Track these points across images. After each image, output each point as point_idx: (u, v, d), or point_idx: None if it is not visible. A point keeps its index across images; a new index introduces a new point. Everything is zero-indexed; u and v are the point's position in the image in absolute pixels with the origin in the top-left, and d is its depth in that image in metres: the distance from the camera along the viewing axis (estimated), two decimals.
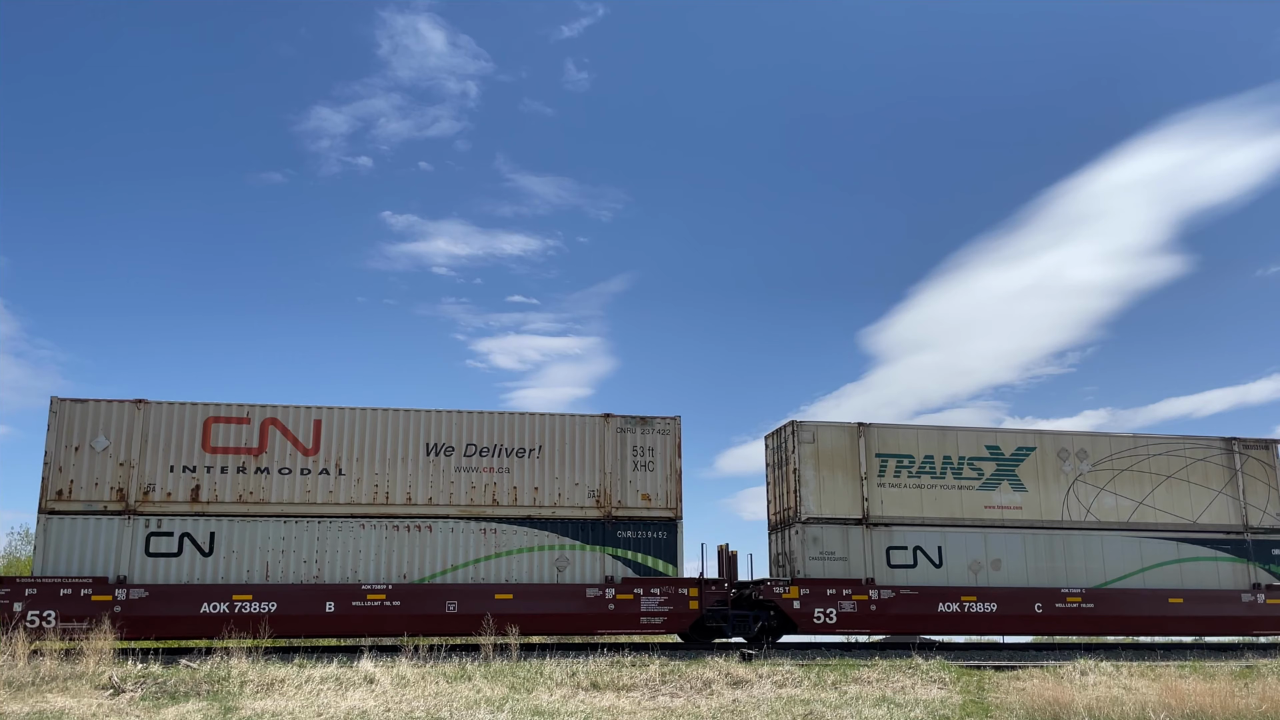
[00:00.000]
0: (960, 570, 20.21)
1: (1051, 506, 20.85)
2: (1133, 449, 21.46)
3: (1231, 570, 21.13)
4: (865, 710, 13.38)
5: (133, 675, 14.03)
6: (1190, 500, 21.35)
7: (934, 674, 15.58)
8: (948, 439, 20.85)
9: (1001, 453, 20.96)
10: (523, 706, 13.03)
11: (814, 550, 19.84)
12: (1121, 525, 20.97)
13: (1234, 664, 17.33)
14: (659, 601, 18.76)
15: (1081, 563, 20.66)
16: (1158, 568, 20.87)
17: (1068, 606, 20.19)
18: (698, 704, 13.77)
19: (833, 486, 20.17)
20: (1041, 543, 20.63)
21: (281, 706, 12.82)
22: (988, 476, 20.77)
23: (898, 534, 20.18)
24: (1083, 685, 14.96)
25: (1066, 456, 21.16)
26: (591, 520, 19.02)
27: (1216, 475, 21.57)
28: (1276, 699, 13.50)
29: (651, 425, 19.70)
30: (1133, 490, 21.19)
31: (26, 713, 12.35)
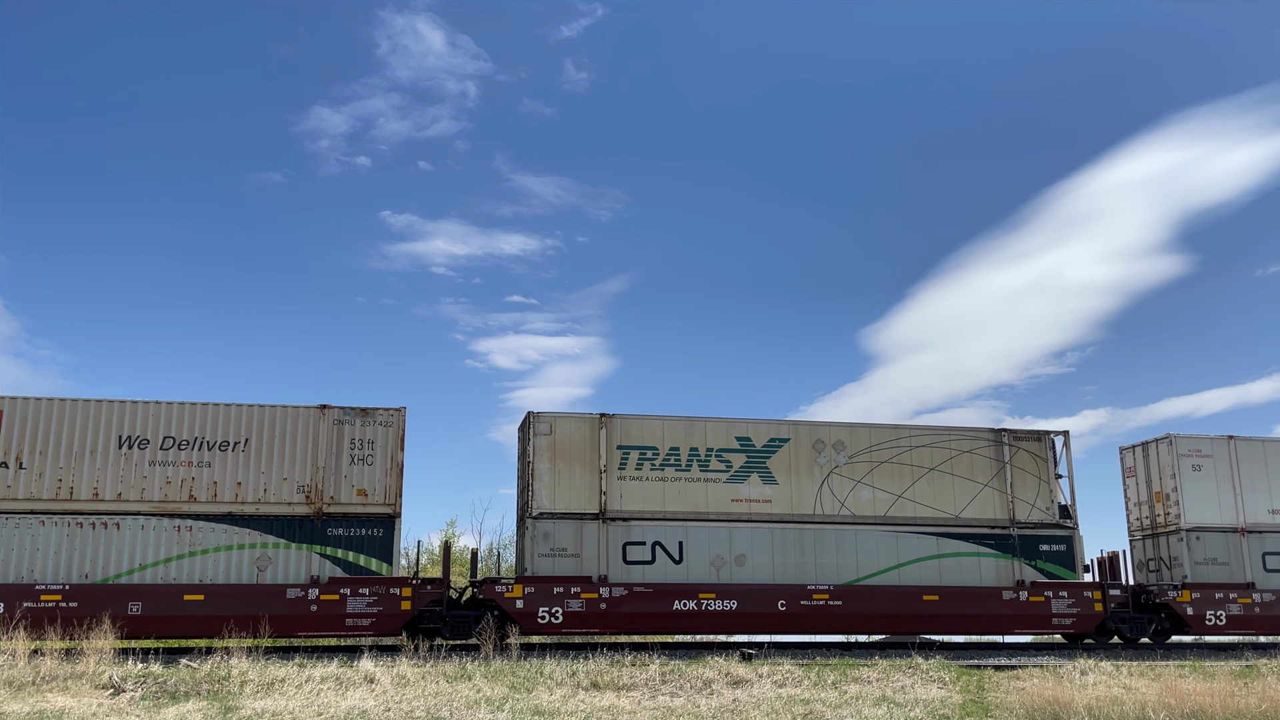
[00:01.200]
0: (702, 566, 19.38)
1: (804, 500, 20.06)
2: (895, 440, 20.71)
3: (995, 566, 20.40)
4: (865, 710, 13.32)
5: (133, 675, 13.94)
6: (954, 493, 20.62)
7: (934, 673, 15.53)
8: (695, 430, 20.03)
9: (753, 444, 20.16)
10: (523, 706, 13.00)
11: (544, 547, 18.96)
12: (878, 520, 20.21)
13: (1234, 664, 17.23)
14: (367, 602, 17.84)
15: (833, 558, 19.88)
16: (915, 564, 20.12)
17: (814, 604, 19.41)
18: (698, 703, 13.75)
19: (569, 480, 19.30)
20: (791, 538, 19.83)
21: (282, 706, 12.79)
22: (737, 469, 19.96)
23: (636, 529, 19.33)
24: (1083, 685, 14.92)
25: (822, 448, 20.38)
26: (300, 517, 18.06)
27: (984, 468, 20.85)
28: (1276, 699, 13.42)
29: (373, 417, 18.78)
30: (892, 483, 20.44)
31: (26, 712, 12.29)
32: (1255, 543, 21.44)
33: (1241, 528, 21.42)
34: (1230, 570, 21.24)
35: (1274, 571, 21.39)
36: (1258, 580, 21.21)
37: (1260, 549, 21.45)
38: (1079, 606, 20.25)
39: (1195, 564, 21.19)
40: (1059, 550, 20.69)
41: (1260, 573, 21.31)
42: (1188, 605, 20.68)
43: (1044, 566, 20.57)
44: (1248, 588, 21.00)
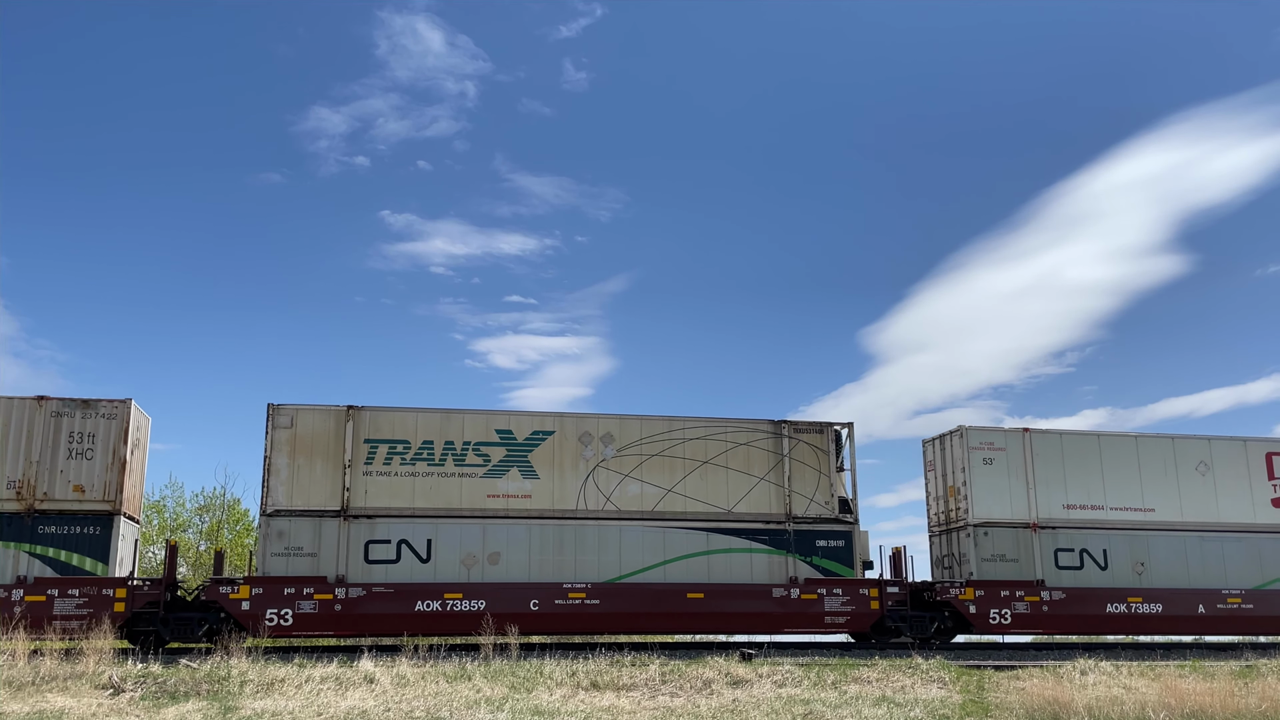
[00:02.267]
0: (452, 565, 18.56)
1: (566, 495, 19.26)
2: (668, 432, 19.93)
3: (767, 563, 19.65)
4: (865, 710, 13.26)
5: (133, 675, 13.93)
6: (728, 487, 19.85)
7: (934, 673, 15.48)
8: (452, 423, 19.19)
9: (514, 437, 19.34)
10: (523, 706, 12.95)
11: (278, 546, 18.09)
12: (645, 515, 19.42)
13: (1234, 664, 17.12)
14: (77, 604, 16.95)
15: (595, 556, 19.08)
16: (682, 560, 19.35)
17: (570, 603, 18.62)
18: (698, 704, 13.69)
19: (309, 476, 18.43)
20: (550, 535, 19.03)
21: (281, 706, 12.76)
22: (495, 463, 19.13)
23: (381, 527, 18.48)
24: (1082, 685, 14.91)
25: (590, 441, 19.58)
26: (9, 514, 17.15)
27: (761, 461, 20.09)
28: (1276, 699, 13.40)
29: (95, 409, 17.86)
30: (662, 477, 19.66)
31: (26, 712, 12.25)
32: (1048, 539, 20.78)
33: (1034, 523, 20.75)
34: (1019, 567, 20.56)
35: (1067, 569, 20.73)
36: (1048, 578, 20.54)
37: (1053, 545, 20.79)
38: (854, 604, 19.53)
39: (982, 560, 20.50)
40: (837, 546, 19.96)
41: (1052, 570, 20.65)
42: (970, 604, 19.99)
43: (820, 563, 19.84)
44: (1036, 585, 20.33)
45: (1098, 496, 21.19)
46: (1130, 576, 20.89)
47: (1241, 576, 21.26)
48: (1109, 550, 20.96)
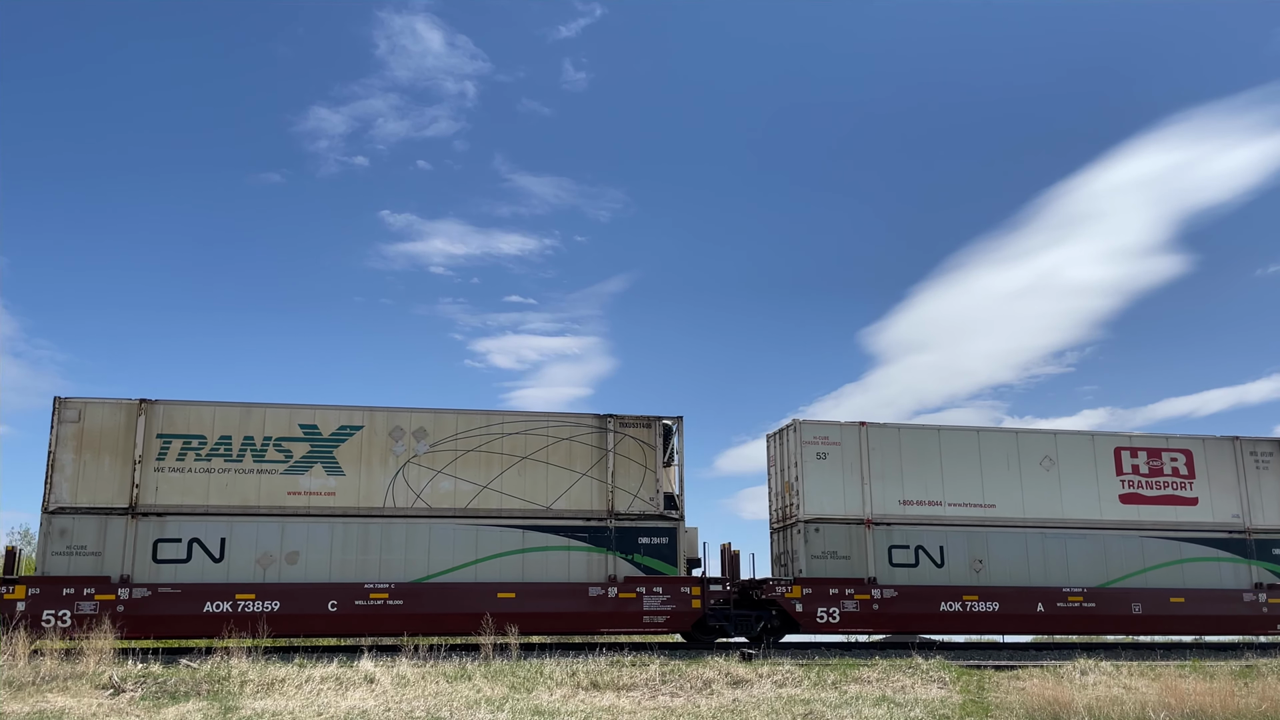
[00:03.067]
0: (246, 565, 17.90)
1: (374, 492, 18.61)
2: (485, 427, 19.30)
3: (586, 561, 19.05)
4: (865, 710, 13.24)
5: (133, 675, 13.90)
6: (547, 484, 19.24)
7: (934, 673, 15.44)
8: (253, 417, 18.51)
9: (319, 432, 18.68)
10: (523, 706, 12.93)
11: (60, 544, 17.43)
12: (457, 512, 18.79)
13: (1234, 663, 17.12)
14: None
15: (402, 555, 18.45)
16: (495, 559, 18.74)
17: (371, 604, 18.01)
18: (698, 703, 13.69)
19: (96, 472, 17.74)
20: (355, 533, 18.38)
21: (282, 706, 12.74)
22: (298, 459, 18.46)
23: (172, 525, 17.80)
24: (1083, 685, 14.92)
25: (401, 436, 18.93)
26: None
27: (584, 456, 19.48)
28: (1276, 699, 13.41)
29: None
30: (478, 473, 19.03)
31: (26, 712, 12.25)
32: (882, 536, 20.24)
33: (868, 519, 20.21)
34: (851, 565, 20.01)
35: (901, 566, 20.20)
36: (881, 575, 20.00)
37: (887, 542, 20.25)
38: (675, 603, 18.94)
39: (812, 557, 19.94)
40: (661, 544, 19.37)
41: (885, 567, 20.11)
42: (797, 602, 19.43)
43: (643, 561, 19.24)
44: (867, 583, 19.79)
45: (936, 492, 20.67)
46: (968, 574, 20.37)
47: (1085, 574, 20.76)
48: (946, 547, 20.43)
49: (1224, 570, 21.35)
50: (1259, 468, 22.02)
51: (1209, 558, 21.35)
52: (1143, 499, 21.43)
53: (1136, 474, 21.54)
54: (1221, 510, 21.66)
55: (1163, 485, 21.56)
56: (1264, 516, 21.75)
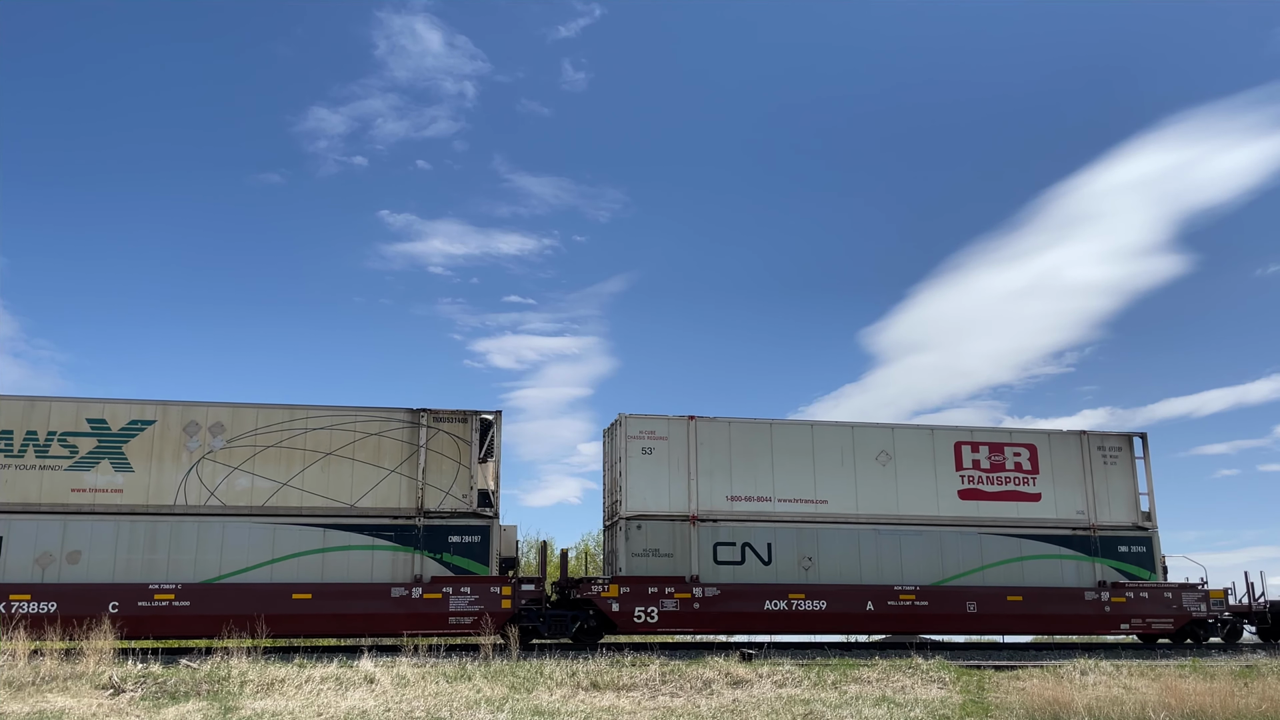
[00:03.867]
0: (25, 565, 17.21)
1: (164, 489, 17.92)
2: (288, 422, 18.63)
3: (391, 560, 18.40)
4: (865, 710, 13.22)
5: (133, 675, 13.88)
6: (352, 481, 18.58)
7: (934, 674, 15.44)
8: (37, 411, 17.82)
9: (108, 427, 17.98)
10: (523, 706, 12.91)
11: None
12: (253, 510, 18.12)
13: (1234, 664, 17.08)
14: None
15: (192, 554, 17.76)
16: (292, 559, 18.07)
17: (156, 605, 17.32)
18: (698, 704, 13.67)
19: None
20: (142, 531, 17.69)
21: (281, 706, 12.71)
22: (84, 454, 17.77)
23: None
24: (1083, 685, 14.90)
25: (196, 431, 18.25)
26: None
27: (393, 452, 18.84)
28: (1276, 699, 13.40)
29: None
30: (278, 470, 18.36)
31: (26, 712, 12.26)
32: (707, 532, 19.65)
33: (693, 516, 19.62)
34: (673, 563, 19.42)
35: (727, 564, 19.62)
36: (705, 573, 19.42)
37: (712, 539, 19.67)
38: (483, 604, 18.30)
39: (633, 555, 19.34)
40: (472, 542, 18.74)
41: (709, 565, 19.53)
42: (614, 601, 18.82)
43: (453, 560, 18.61)
44: (688, 582, 19.19)
45: (766, 488, 20.10)
46: (796, 572, 19.80)
47: (920, 572, 20.22)
48: (774, 544, 19.86)
49: (1066, 568, 20.84)
50: (1107, 464, 21.54)
51: (1051, 555, 20.84)
52: (983, 495, 20.91)
53: (977, 469, 21.02)
54: (1066, 507, 21.17)
55: (1005, 481, 21.05)
56: (1110, 513, 21.27)
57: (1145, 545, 21.21)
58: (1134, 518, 21.32)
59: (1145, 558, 21.15)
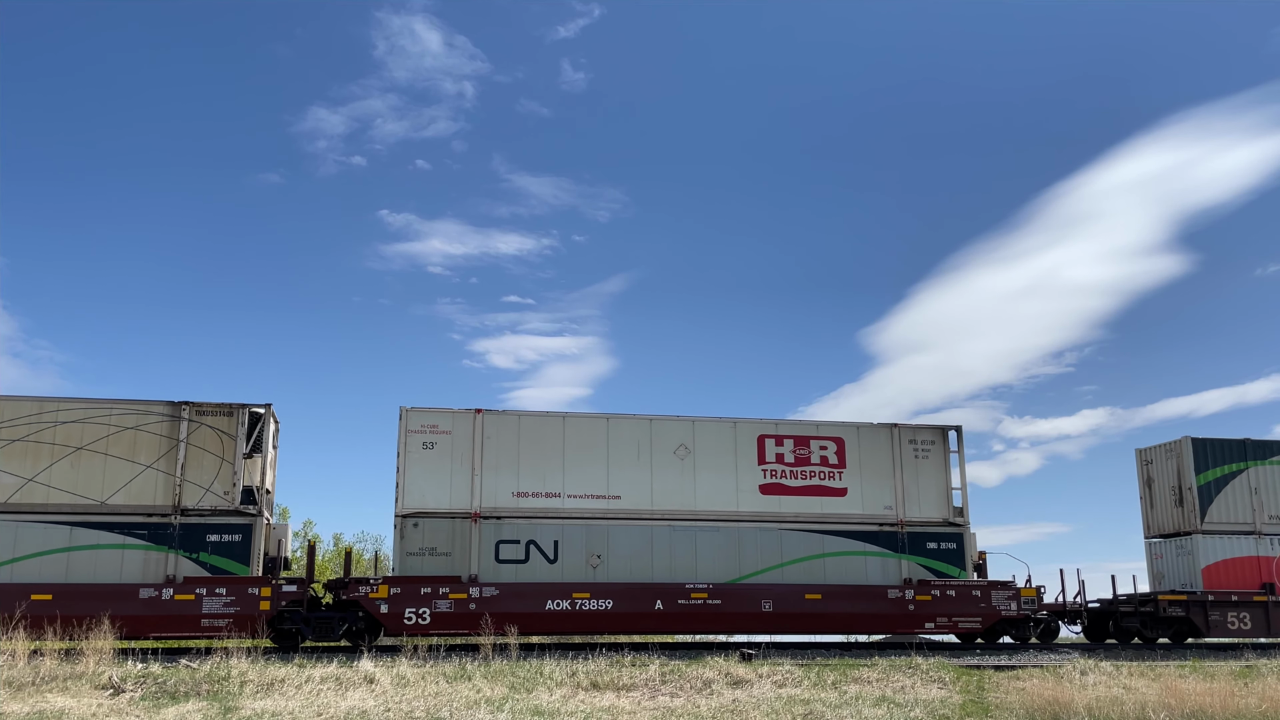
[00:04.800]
0: None
1: None
2: (37, 415, 17.72)
3: (143, 560, 17.54)
4: (865, 710, 13.20)
5: (133, 675, 13.90)
6: (104, 476, 17.69)
7: (934, 674, 15.42)
8: None
9: None
10: (523, 706, 12.90)
11: None
12: None
13: (1234, 664, 17.11)
14: None
15: None
16: (34, 558, 17.20)
17: None
18: (698, 704, 13.62)
19: None
20: None
21: (281, 706, 12.68)
22: None
23: None
24: (1082, 685, 14.89)
25: None
26: None
27: (150, 446, 17.95)
28: (1276, 699, 13.39)
29: None
30: (23, 465, 17.46)
31: (26, 712, 12.23)
32: (490, 530, 18.90)
33: (475, 513, 18.86)
34: (452, 562, 18.66)
35: (509, 562, 18.87)
36: (485, 573, 18.67)
37: (495, 537, 18.91)
38: (239, 605, 17.45)
39: (408, 555, 18.56)
40: (233, 541, 17.90)
41: (491, 564, 18.77)
42: (382, 602, 18.04)
43: (211, 560, 17.77)
44: (464, 582, 18.42)
45: (556, 483, 19.38)
46: (584, 570, 19.08)
47: (716, 570, 19.55)
48: (562, 542, 19.14)
49: (871, 565, 20.24)
50: (918, 457, 20.96)
51: (855, 552, 20.23)
52: (786, 489, 20.27)
53: (781, 463, 20.38)
54: (873, 501, 20.56)
55: (809, 475, 20.42)
56: (920, 508, 20.69)
57: (956, 542, 20.63)
58: (945, 513, 20.75)
59: (955, 554, 20.59)
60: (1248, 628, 21.29)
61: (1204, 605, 21.22)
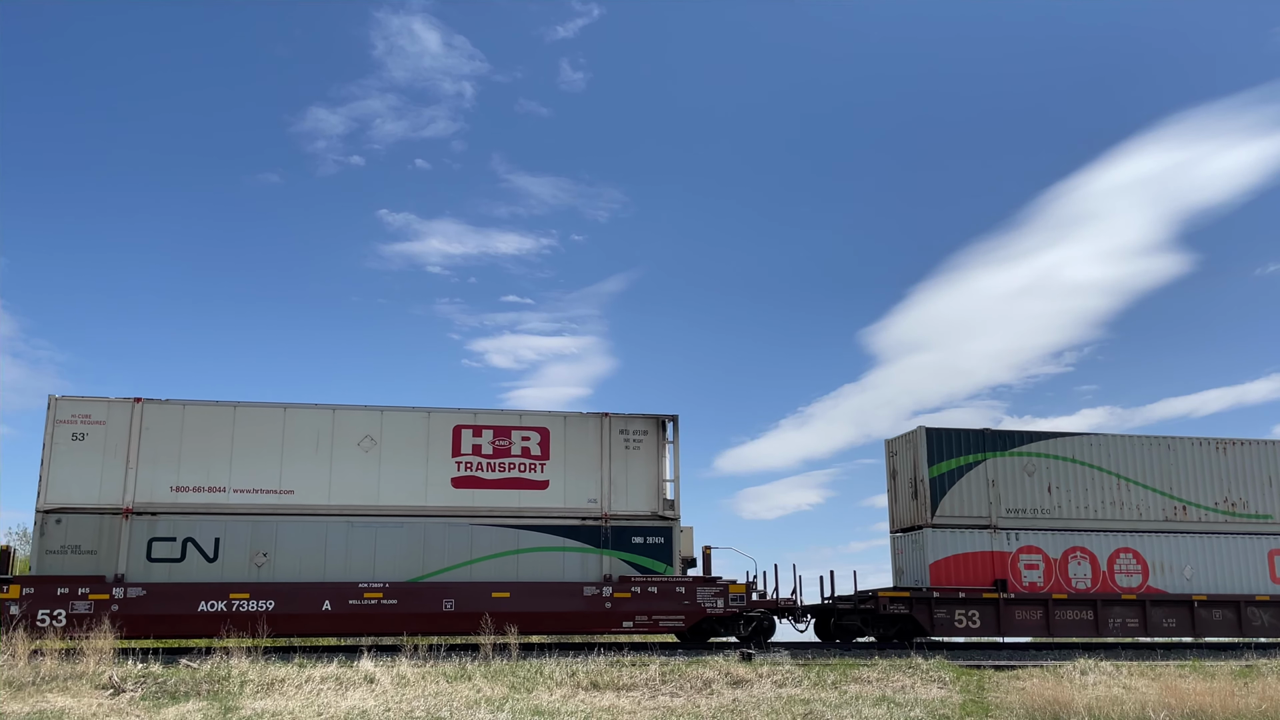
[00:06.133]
0: None
1: None
2: None
3: None
4: (865, 710, 13.27)
5: (133, 675, 13.90)
6: None
7: (934, 673, 15.46)
8: None
9: None
10: (523, 706, 12.99)
11: None
12: None
13: (1234, 664, 17.19)
14: None
15: None
16: None
17: None
18: (698, 703, 13.68)
19: None
20: None
21: (281, 706, 12.72)
22: None
23: None
24: (1082, 685, 15.00)
25: None
26: None
27: None
28: (1276, 699, 13.48)
29: None
30: None
31: (26, 712, 12.27)
32: (143, 527, 17.76)
33: (127, 509, 17.73)
34: (98, 560, 17.53)
35: (163, 561, 17.75)
36: (135, 572, 17.55)
37: (148, 534, 17.78)
38: None
39: (47, 553, 17.42)
40: None
41: (142, 563, 17.65)
42: (12, 604, 16.89)
43: None
44: (107, 582, 17.29)
45: (222, 477, 18.27)
46: (247, 569, 18.00)
47: (398, 568, 18.51)
48: (224, 539, 18.04)
49: (570, 561, 19.27)
50: (629, 448, 19.98)
51: (553, 548, 19.25)
52: (481, 483, 19.25)
53: (478, 455, 19.35)
54: (577, 495, 19.57)
55: (508, 467, 19.40)
56: (628, 501, 19.72)
57: (664, 536, 19.68)
58: (654, 506, 19.79)
59: (663, 549, 19.64)
60: (976, 626, 20.54)
61: (929, 603, 20.43)
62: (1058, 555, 21.20)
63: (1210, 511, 22.06)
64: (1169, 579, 21.51)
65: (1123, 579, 21.33)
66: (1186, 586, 21.51)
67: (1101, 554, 21.34)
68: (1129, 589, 21.25)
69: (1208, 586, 21.57)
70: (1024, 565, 21.06)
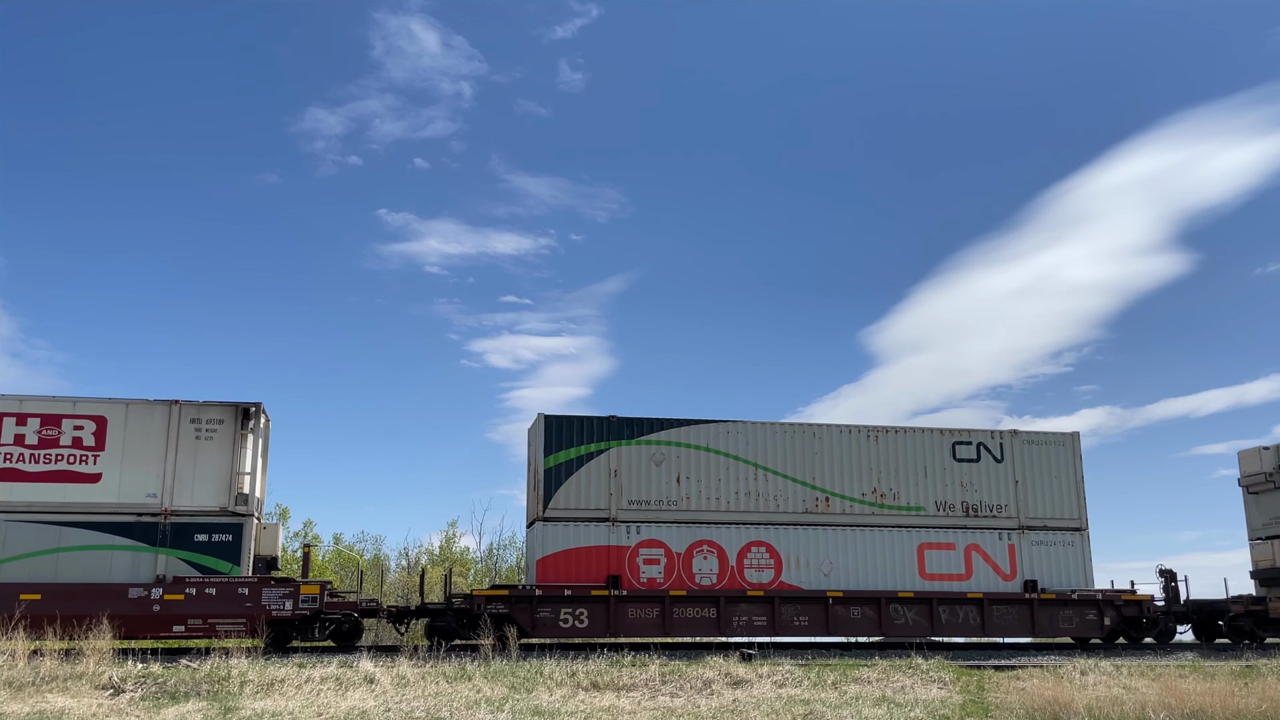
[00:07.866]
0: None
1: None
2: None
3: None
4: (865, 710, 13.27)
5: (133, 675, 13.92)
6: None
7: (934, 674, 15.49)
8: None
9: None
10: (523, 706, 12.96)
11: None
12: None
13: (1234, 664, 17.22)
14: None
15: None
16: None
17: None
18: (698, 704, 13.65)
19: None
20: None
21: (281, 706, 12.66)
22: None
23: None
24: (1082, 685, 14.96)
25: None
26: None
27: None
28: (1276, 699, 13.45)
29: None
30: None
31: (26, 713, 12.20)
32: None
33: None
34: None
35: None
36: None
37: None
38: None
39: None
40: None
41: None
42: None
43: None
44: None
45: None
46: None
47: None
48: None
49: (119, 560, 17.85)
50: (200, 439, 18.57)
51: (100, 545, 17.83)
52: (21, 475, 17.82)
53: (20, 445, 17.92)
54: (134, 489, 18.15)
55: (55, 459, 17.97)
56: (193, 496, 18.31)
57: (233, 534, 18.29)
58: (224, 502, 18.39)
59: (230, 548, 18.25)
60: (585, 626, 19.27)
61: (531, 601, 19.13)
62: (682, 550, 19.98)
63: (856, 503, 20.91)
64: (804, 574, 20.33)
65: (753, 574, 20.14)
66: (824, 582, 20.34)
67: (731, 548, 20.14)
68: (759, 585, 20.06)
69: (848, 582, 20.41)
70: (644, 560, 19.83)
